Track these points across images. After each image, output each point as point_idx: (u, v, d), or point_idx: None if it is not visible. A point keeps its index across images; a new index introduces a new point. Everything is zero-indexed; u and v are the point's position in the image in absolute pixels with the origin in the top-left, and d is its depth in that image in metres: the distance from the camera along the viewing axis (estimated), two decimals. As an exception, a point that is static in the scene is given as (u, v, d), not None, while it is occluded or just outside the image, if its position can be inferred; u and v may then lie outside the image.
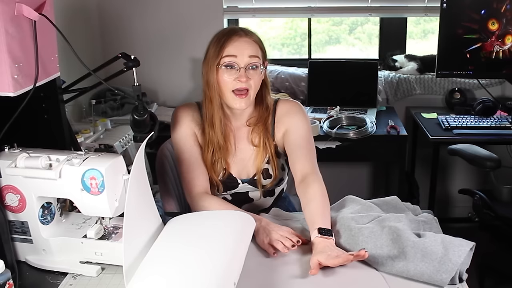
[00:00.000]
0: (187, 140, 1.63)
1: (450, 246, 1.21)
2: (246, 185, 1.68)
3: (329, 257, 1.23)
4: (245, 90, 1.53)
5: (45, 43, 1.29)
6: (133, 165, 1.14)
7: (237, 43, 1.52)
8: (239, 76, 1.51)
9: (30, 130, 1.41)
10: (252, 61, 1.53)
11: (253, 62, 1.53)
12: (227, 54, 1.52)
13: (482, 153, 2.30)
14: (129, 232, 1.13)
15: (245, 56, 1.52)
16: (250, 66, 1.53)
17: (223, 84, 1.54)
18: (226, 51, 1.52)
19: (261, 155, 1.65)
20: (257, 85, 1.57)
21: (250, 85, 1.54)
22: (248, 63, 1.52)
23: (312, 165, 1.57)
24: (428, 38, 3.28)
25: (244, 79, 1.51)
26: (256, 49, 1.55)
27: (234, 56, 1.52)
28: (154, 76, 3.02)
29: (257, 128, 1.65)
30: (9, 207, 1.28)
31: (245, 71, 1.52)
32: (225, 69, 1.52)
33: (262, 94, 1.63)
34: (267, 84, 1.63)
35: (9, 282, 1.11)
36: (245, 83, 1.52)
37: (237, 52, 1.52)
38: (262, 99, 1.64)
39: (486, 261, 2.52)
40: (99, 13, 3.00)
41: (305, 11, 3.03)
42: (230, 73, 1.52)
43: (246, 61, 1.52)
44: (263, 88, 1.62)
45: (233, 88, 1.53)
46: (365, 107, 2.86)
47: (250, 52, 1.53)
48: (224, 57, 1.52)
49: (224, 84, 1.54)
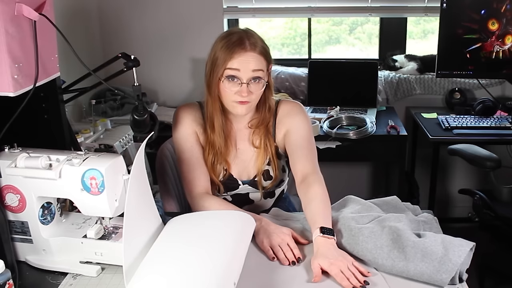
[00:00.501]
0: (188, 139, 1.63)
1: (450, 246, 1.21)
2: (246, 186, 1.68)
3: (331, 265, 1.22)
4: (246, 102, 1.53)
5: (45, 43, 1.29)
6: (133, 165, 1.14)
7: (242, 58, 1.50)
8: (240, 91, 1.51)
9: (30, 130, 1.41)
10: (255, 75, 1.52)
11: (256, 76, 1.52)
12: (230, 67, 1.50)
13: (482, 153, 2.30)
14: (129, 232, 1.13)
15: (249, 70, 1.50)
16: (253, 80, 1.52)
17: (224, 94, 1.54)
18: (230, 64, 1.50)
19: (262, 156, 1.65)
20: (259, 96, 1.57)
21: (251, 98, 1.53)
22: (250, 78, 1.51)
23: (313, 165, 1.57)
24: (428, 38, 3.28)
25: (245, 94, 1.51)
26: (260, 62, 1.53)
27: (237, 70, 1.50)
28: (154, 76, 3.02)
29: (258, 129, 1.65)
30: (9, 207, 1.28)
31: (247, 86, 1.51)
32: (227, 81, 1.51)
33: (265, 96, 1.62)
34: (270, 86, 1.62)
35: (9, 282, 1.11)
36: (246, 98, 1.52)
37: (241, 67, 1.50)
38: (265, 101, 1.63)
39: (486, 261, 2.52)
40: (99, 13, 3.00)
41: (305, 11, 3.02)
42: (232, 85, 1.51)
43: (249, 75, 1.51)
44: (267, 90, 1.60)
45: (234, 100, 1.53)
46: (365, 107, 2.86)
47: (254, 67, 1.51)
48: (227, 69, 1.51)
49: (225, 94, 1.53)
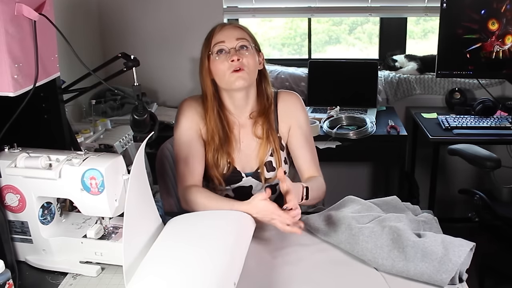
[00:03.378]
0: (188, 133, 1.64)
1: (450, 246, 1.21)
2: (250, 179, 1.69)
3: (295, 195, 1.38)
4: (240, 69, 1.56)
5: (45, 43, 1.29)
6: (133, 165, 1.14)
7: (223, 31, 1.59)
8: (230, 57, 1.55)
9: (30, 130, 1.41)
10: (241, 43, 1.57)
11: (242, 43, 1.57)
12: (215, 42, 1.57)
13: (482, 153, 2.30)
14: (129, 232, 1.13)
15: (233, 39, 1.57)
16: (240, 47, 1.57)
17: (218, 70, 1.57)
18: (214, 40, 1.58)
19: (265, 147, 1.67)
20: (252, 65, 1.59)
21: (243, 64, 1.56)
22: (237, 46, 1.57)
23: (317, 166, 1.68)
24: (428, 37, 3.28)
25: (236, 57, 1.54)
26: (241, 32, 1.60)
27: (222, 42, 1.57)
28: (154, 76, 3.02)
29: (260, 120, 1.68)
30: (9, 207, 1.28)
31: (235, 51, 1.56)
32: (216, 55, 1.57)
33: (263, 86, 1.66)
34: (266, 75, 1.67)
35: (9, 282, 1.11)
36: (238, 63, 1.55)
37: (225, 38, 1.57)
38: (263, 91, 1.67)
39: (486, 261, 2.52)
40: (99, 13, 3.00)
41: (305, 11, 3.03)
42: (221, 57, 1.56)
43: (234, 43, 1.57)
44: (263, 80, 1.66)
45: (229, 71, 1.55)
46: (365, 107, 2.86)
47: (237, 35, 1.58)
48: (213, 46, 1.57)
49: (219, 69, 1.57)
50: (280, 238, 1.41)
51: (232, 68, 1.55)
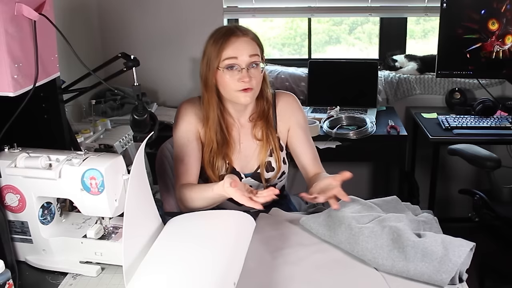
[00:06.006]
0: (186, 135, 1.65)
1: (450, 246, 1.21)
2: (249, 179, 1.69)
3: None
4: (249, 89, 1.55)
5: (45, 43, 1.29)
6: (133, 165, 1.14)
7: (236, 44, 1.54)
8: (242, 77, 1.53)
9: (30, 130, 1.40)
10: (253, 60, 1.55)
11: (253, 60, 1.55)
12: (227, 57, 1.53)
13: (482, 153, 2.30)
14: (129, 232, 1.13)
15: (245, 56, 1.54)
16: (251, 65, 1.55)
17: (226, 85, 1.56)
18: (225, 54, 1.53)
19: (265, 148, 1.68)
20: (259, 83, 1.60)
21: (253, 85, 1.55)
22: (249, 63, 1.54)
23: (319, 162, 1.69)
24: (428, 37, 3.28)
25: (247, 79, 1.53)
26: (254, 47, 1.57)
27: (234, 58, 1.53)
28: (154, 76, 3.02)
29: (259, 122, 1.68)
30: (9, 207, 1.28)
31: (247, 71, 1.53)
32: (227, 71, 1.54)
33: (262, 88, 1.66)
34: (266, 78, 1.66)
35: (9, 282, 1.11)
36: (249, 83, 1.53)
37: (237, 53, 1.53)
38: (262, 93, 1.67)
39: (486, 261, 2.52)
40: (99, 13, 3.00)
41: (305, 11, 3.03)
42: (232, 74, 1.54)
43: (247, 61, 1.54)
44: (263, 83, 1.65)
45: (237, 89, 1.55)
46: (365, 107, 2.86)
47: (249, 52, 1.54)
48: (224, 59, 1.53)
49: (227, 85, 1.55)
50: (280, 238, 1.41)
51: (242, 87, 1.54)
